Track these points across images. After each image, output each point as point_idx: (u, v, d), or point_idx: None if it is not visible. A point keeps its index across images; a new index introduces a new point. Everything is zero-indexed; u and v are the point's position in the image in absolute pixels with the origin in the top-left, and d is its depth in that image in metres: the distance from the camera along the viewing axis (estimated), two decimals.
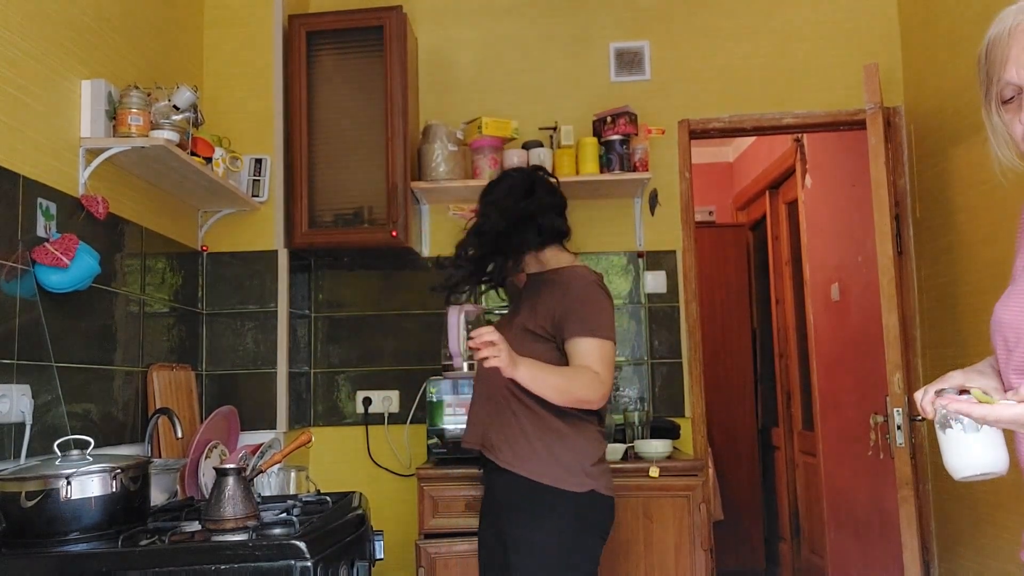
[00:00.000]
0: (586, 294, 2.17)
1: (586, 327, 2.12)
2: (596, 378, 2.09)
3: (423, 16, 3.56)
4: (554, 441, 2.15)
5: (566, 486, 2.12)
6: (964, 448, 1.21)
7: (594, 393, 2.09)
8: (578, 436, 2.18)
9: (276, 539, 1.64)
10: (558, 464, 2.13)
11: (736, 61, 3.49)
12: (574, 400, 2.09)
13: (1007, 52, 1.19)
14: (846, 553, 4.27)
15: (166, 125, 2.37)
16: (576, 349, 2.12)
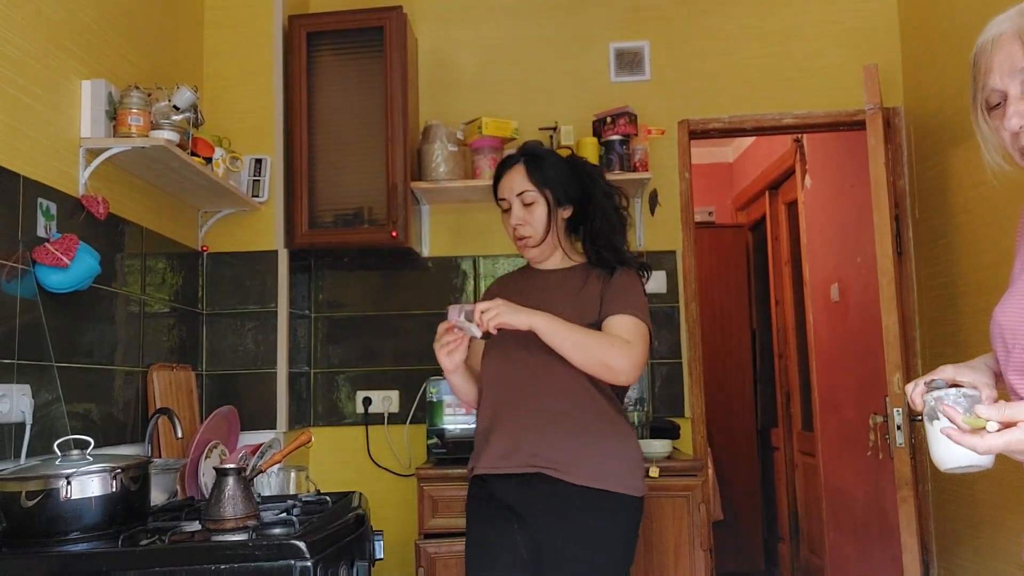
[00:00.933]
0: (630, 282, 2.07)
1: (625, 305, 1.99)
2: (626, 345, 1.92)
3: (423, 16, 3.57)
4: (621, 439, 2.00)
5: (631, 490, 1.96)
6: (951, 442, 1.21)
7: (621, 359, 1.90)
8: (631, 431, 2.06)
9: (276, 539, 1.64)
10: (623, 465, 1.98)
11: (736, 61, 3.50)
12: (597, 362, 1.90)
13: (991, 60, 1.23)
14: (845, 553, 4.27)
15: (166, 125, 2.37)
16: (610, 324, 1.97)
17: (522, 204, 2.08)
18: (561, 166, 2.12)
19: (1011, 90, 1.22)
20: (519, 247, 2.13)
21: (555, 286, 2.11)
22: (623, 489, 1.94)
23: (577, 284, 2.08)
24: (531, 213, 2.08)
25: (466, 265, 3.46)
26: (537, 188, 2.08)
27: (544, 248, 2.12)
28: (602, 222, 2.10)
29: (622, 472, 1.96)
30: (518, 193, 2.09)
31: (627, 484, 1.95)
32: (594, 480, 1.92)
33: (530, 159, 2.11)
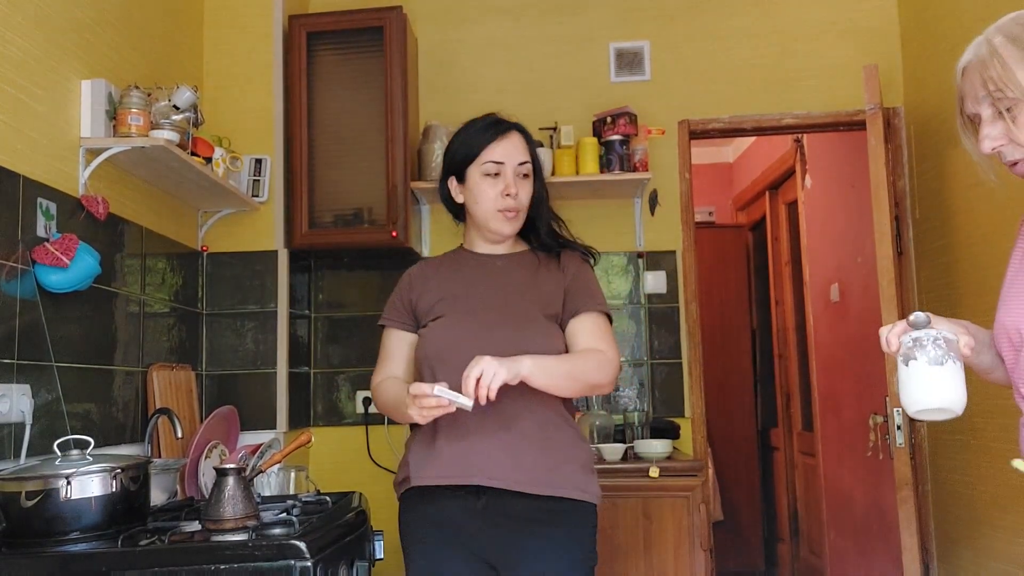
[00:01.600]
0: (587, 271, 1.97)
1: (591, 301, 1.89)
2: (604, 357, 1.83)
3: (423, 16, 3.57)
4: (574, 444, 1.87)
5: (591, 497, 1.84)
6: (925, 382, 1.24)
7: (606, 375, 1.82)
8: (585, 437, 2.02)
9: (276, 539, 1.64)
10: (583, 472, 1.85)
11: (736, 61, 3.50)
12: (587, 387, 1.82)
13: (963, 87, 1.37)
14: (845, 554, 4.27)
15: (166, 125, 2.37)
16: (584, 326, 1.86)
17: (518, 175, 1.93)
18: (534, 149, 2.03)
19: (983, 113, 1.32)
20: (499, 219, 1.92)
21: (505, 273, 1.95)
22: (578, 495, 1.82)
23: (530, 272, 1.94)
24: (524, 188, 1.93)
25: None
26: (533, 163, 1.97)
27: (518, 227, 1.97)
28: (546, 207, 1.99)
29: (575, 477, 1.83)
30: (520, 162, 1.94)
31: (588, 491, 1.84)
32: (547, 488, 1.78)
33: (523, 131, 1.99)
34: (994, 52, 1.29)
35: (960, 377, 1.26)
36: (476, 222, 1.96)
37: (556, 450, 1.82)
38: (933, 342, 1.26)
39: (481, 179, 1.93)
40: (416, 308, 1.96)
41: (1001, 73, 1.28)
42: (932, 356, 1.25)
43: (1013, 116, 1.28)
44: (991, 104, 1.30)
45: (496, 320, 1.85)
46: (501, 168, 1.92)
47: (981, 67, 1.31)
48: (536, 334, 1.83)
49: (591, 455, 1.91)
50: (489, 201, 1.92)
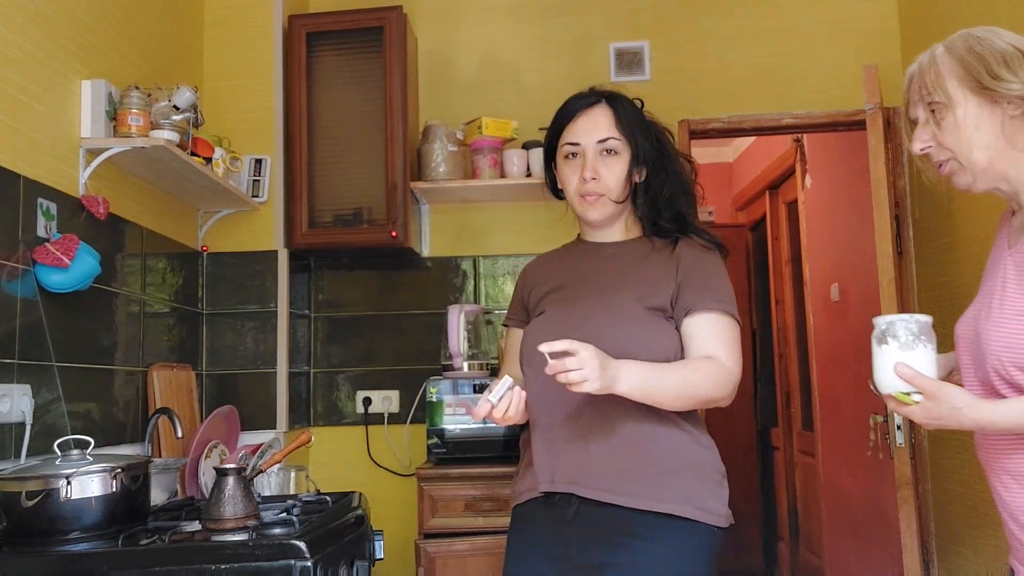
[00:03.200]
0: (715, 263, 1.71)
1: (714, 298, 1.64)
2: (721, 369, 1.59)
3: (423, 16, 3.57)
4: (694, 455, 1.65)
5: (707, 517, 1.60)
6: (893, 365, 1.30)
7: (722, 388, 1.59)
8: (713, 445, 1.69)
9: (276, 539, 1.65)
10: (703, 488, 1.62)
11: (736, 61, 3.50)
12: (698, 402, 1.60)
13: (907, 94, 1.52)
14: (845, 553, 4.27)
15: (166, 125, 2.37)
16: (699, 328, 1.63)
17: (600, 153, 1.73)
18: (641, 118, 1.81)
19: (919, 117, 1.46)
20: (582, 205, 1.76)
21: (613, 261, 1.76)
22: (692, 514, 1.58)
23: (638, 260, 1.73)
24: (609, 167, 1.73)
25: (466, 265, 3.46)
26: (625, 137, 1.75)
27: (614, 212, 1.76)
28: (673, 191, 1.76)
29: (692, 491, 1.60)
30: (601, 139, 1.73)
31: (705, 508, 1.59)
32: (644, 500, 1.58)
33: (615, 101, 1.78)
34: (933, 61, 1.43)
35: (929, 362, 1.31)
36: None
37: (666, 458, 1.61)
38: (905, 326, 1.32)
39: (563, 163, 1.79)
40: (528, 304, 1.84)
41: (934, 80, 1.42)
42: (903, 342, 1.31)
43: (939, 120, 1.41)
44: (924, 109, 1.44)
45: (589, 312, 1.66)
46: (579, 149, 1.76)
47: (920, 74, 1.45)
48: (632, 329, 1.62)
49: (716, 465, 1.66)
50: (571, 186, 1.76)
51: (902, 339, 1.31)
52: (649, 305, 1.64)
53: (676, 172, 1.78)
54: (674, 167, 1.78)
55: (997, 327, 1.35)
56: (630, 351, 1.56)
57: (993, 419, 1.28)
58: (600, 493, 1.59)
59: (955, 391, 1.29)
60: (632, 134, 1.75)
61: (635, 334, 1.61)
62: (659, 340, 1.62)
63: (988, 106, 1.37)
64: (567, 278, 1.77)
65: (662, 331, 1.64)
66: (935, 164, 1.45)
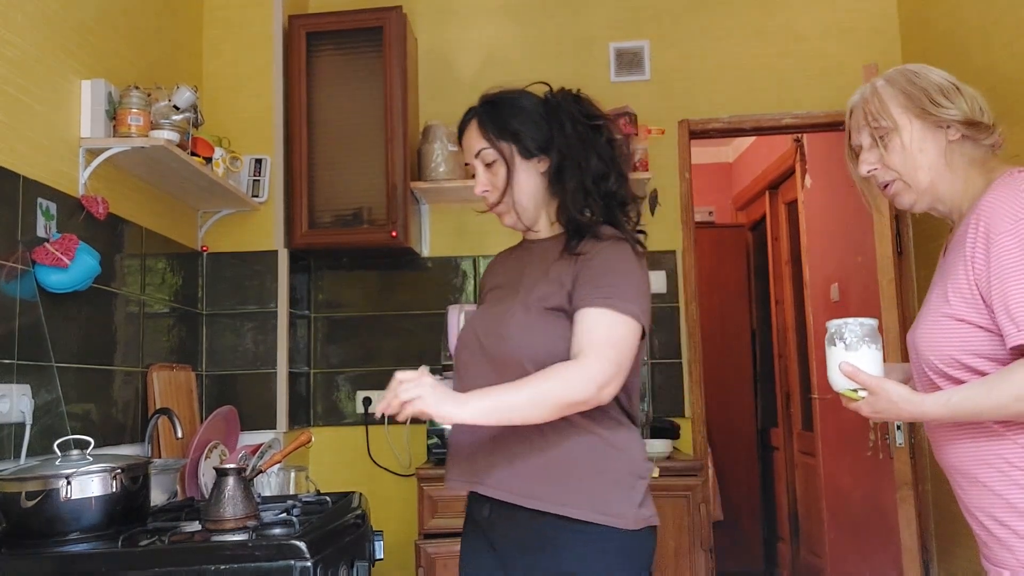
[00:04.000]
0: (613, 254, 1.60)
1: (600, 292, 1.55)
2: (577, 369, 1.48)
3: (423, 16, 3.57)
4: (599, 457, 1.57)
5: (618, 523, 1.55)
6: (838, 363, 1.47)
7: (582, 389, 1.47)
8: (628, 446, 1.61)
9: (276, 539, 1.64)
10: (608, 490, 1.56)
11: (736, 61, 3.50)
12: (559, 408, 1.48)
13: (849, 124, 1.63)
14: (845, 553, 4.27)
15: (166, 125, 2.37)
16: (579, 326, 1.54)
17: (486, 166, 1.70)
18: (527, 109, 1.69)
19: (864, 142, 1.59)
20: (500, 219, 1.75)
21: (534, 260, 1.71)
22: (602, 519, 1.53)
23: (551, 256, 1.66)
24: (496, 174, 1.69)
25: (466, 265, 3.46)
26: (492, 143, 1.68)
27: (517, 214, 1.70)
28: (575, 175, 1.63)
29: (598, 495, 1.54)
30: (476, 153, 1.70)
31: (608, 511, 1.54)
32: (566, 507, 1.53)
33: (485, 109, 1.71)
34: (875, 91, 1.58)
35: (874, 360, 1.46)
36: None
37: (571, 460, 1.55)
38: (851, 329, 1.47)
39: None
40: (483, 299, 1.83)
41: (878, 107, 1.56)
42: (849, 342, 1.46)
43: (885, 144, 1.55)
44: (869, 134, 1.58)
45: (502, 314, 1.64)
46: (471, 168, 1.74)
47: (863, 103, 1.59)
48: (533, 330, 1.58)
49: (627, 467, 1.59)
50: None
51: (848, 340, 1.46)
52: (548, 306, 1.59)
53: (577, 153, 1.64)
54: (574, 149, 1.64)
55: (923, 327, 1.50)
56: (528, 352, 1.55)
57: (924, 410, 1.42)
58: (504, 494, 1.58)
59: (892, 386, 1.42)
60: (501, 136, 1.68)
61: (535, 336, 1.57)
62: (556, 341, 1.55)
63: (931, 130, 1.54)
64: (506, 278, 1.76)
65: (560, 331, 1.57)
66: (880, 185, 1.60)
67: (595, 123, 1.67)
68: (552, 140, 1.65)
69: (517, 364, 1.56)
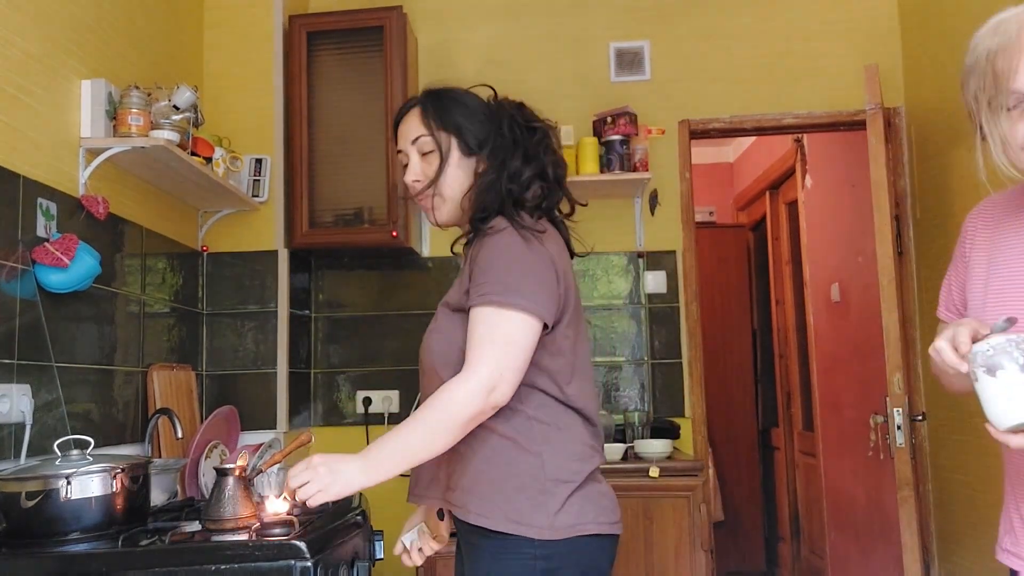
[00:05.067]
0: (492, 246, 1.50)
1: (479, 290, 1.46)
2: (455, 386, 1.42)
3: (423, 16, 3.56)
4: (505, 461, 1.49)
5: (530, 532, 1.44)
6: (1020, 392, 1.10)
7: (468, 402, 1.40)
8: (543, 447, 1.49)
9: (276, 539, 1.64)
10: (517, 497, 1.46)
11: (736, 61, 3.49)
12: (458, 429, 1.42)
13: (1015, 62, 1.17)
14: (846, 554, 4.27)
15: (166, 125, 2.37)
16: (468, 326, 1.48)
17: (419, 154, 1.63)
18: (471, 106, 1.63)
19: None
20: (425, 212, 1.67)
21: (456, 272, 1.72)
22: (508, 528, 1.44)
23: (463, 259, 1.63)
24: (424, 166, 1.62)
25: None
26: (431, 132, 1.61)
27: (455, 212, 1.63)
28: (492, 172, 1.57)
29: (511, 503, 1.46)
30: (413, 140, 1.63)
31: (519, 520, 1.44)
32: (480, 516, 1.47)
33: (429, 98, 1.64)
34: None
35: None
36: None
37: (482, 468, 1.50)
38: (1018, 346, 1.11)
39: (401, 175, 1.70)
40: None
41: None
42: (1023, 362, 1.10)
43: None
44: None
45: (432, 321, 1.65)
46: (404, 156, 1.66)
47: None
48: (441, 333, 1.58)
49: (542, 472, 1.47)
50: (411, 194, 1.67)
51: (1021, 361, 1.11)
52: (453, 307, 1.56)
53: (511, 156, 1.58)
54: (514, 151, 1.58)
55: None
56: (440, 359, 1.57)
57: None
58: (436, 502, 1.64)
59: None
60: (444, 127, 1.61)
61: (444, 341, 1.57)
62: (451, 339, 1.53)
63: None
64: None
65: (456, 331, 1.53)
66: None
67: (532, 125, 1.61)
68: (490, 140, 1.60)
69: (434, 372, 1.58)
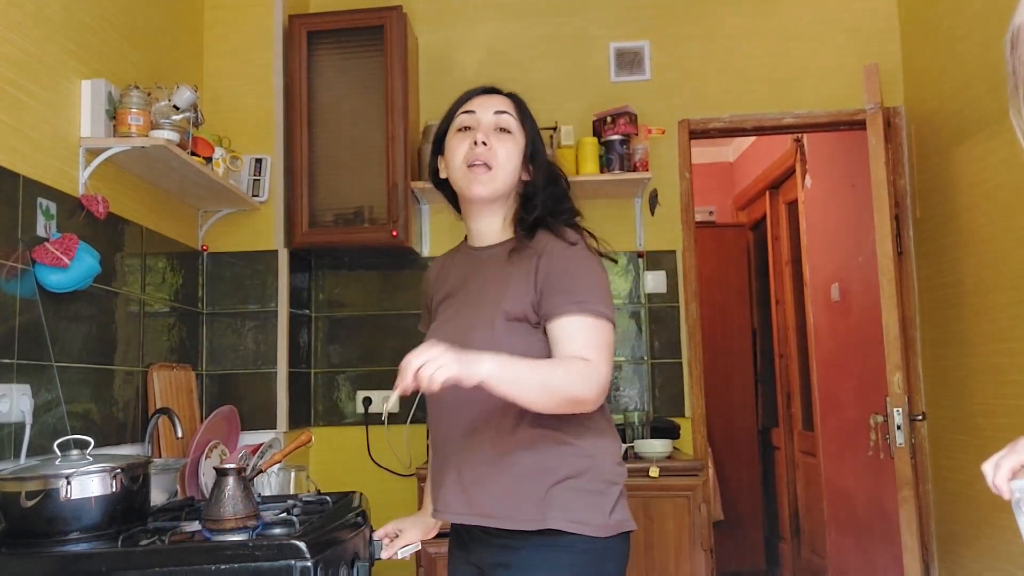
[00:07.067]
0: (575, 256, 1.57)
1: (575, 299, 1.51)
2: (589, 367, 1.46)
3: (423, 16, 3.56)
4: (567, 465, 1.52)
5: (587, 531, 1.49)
6: None
7: (589, 388, 1.44)
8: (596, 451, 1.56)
9: (276, 539, 1.64)
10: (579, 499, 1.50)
11: (736, 61, 3.49)
12: (564, 401, 1.45)
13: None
14: (846, 553, 4.27)
15: (166, 125, 2.37)
16: (562, 333, 1.50)
17: (495, 130, 1.62)
18: (534, 122, 1.70)
19: None
20: (467, 177, 1.61)
21: (487, 268, 1.64)
22: (575, 528, 1.48)
23: (507, 264, 1.59)
24: (502, 144, 1.61)
25: None
26: (520, 122, 1.65)
27: (500, 194, 1.63)
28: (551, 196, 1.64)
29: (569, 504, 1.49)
30: (497, 111, 1.63)
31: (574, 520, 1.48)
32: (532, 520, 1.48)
33: (516, 97, 1.69)
34: None
35: None
36: (460, 198, 1.69)
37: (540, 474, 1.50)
38: None
39: (453, 137, 1.65)
40: (432, 309, 1.79)
41: None
42: None
43: None
44: None
45: (464, 328, 1.57)
46: (473, 119, 1.63)
47: None
48: (498, 343, 1.50)
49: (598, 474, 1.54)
50: (459, 156, 1.62)
51: None
52: (512, 317, 1.53)
53: (566, 186, 1.69)
54: (565, 183, 1.69)
55: None
56: None
57: None
58: (477, 519, 1.55)
59: None
60: (528, 124, 1.66)
61: (500, 348, 1.48)
62: (521, 352, 1.48)
63: None
64: (454, 286, 1.70)
65: (525, 342, 1.52)
66: None
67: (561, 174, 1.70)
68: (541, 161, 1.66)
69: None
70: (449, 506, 1.58)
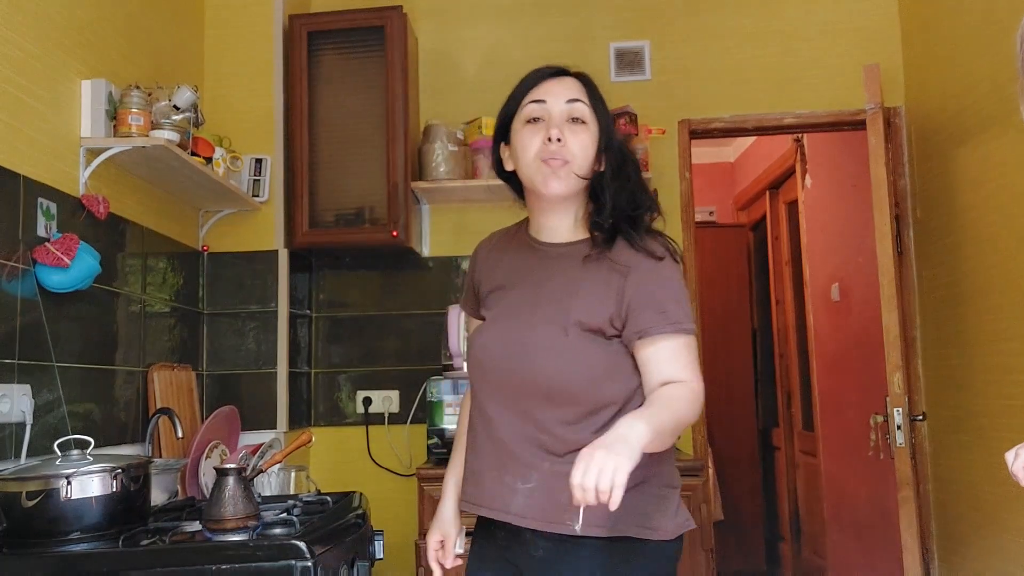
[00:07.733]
0: (663, 272, 1.51)
1: (668, 317, 1.46)
2: (694, 392, 1.46)
3: (423, 16, 3.56)
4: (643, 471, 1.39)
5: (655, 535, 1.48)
6: None
7: (696, 411, 1.45)
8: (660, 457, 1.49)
9: (276, 539, 1.64)
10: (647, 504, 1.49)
11: (736, 61, 3.49)
12: (682, 431, 1.47)
13: None
14: (847, 554, 4.27)
15: (167, 125, 2.37)
16: (658, 354, 1.47)
17: (567, 120, 1.53)
18: (606, 107, 1.60)
19: None
20: (542, 172, 1.51)
21: (555, 269, 1.56)
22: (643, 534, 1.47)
23: (581, 268, 1.52)
24: (576, 134, 1.52)
25: (466, 265, 3.45)
26: (594, 109, 1.55)
27: (576, 190, 1.54)
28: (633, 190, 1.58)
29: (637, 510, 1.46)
30: (569, 100, 1.54)
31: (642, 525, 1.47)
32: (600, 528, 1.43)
33: (586, 79, 1.60)
34: None
35: None
36: (528, 191, 1.59)
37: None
38: None
39: (523, 128, 1.56)
40: (479, 294, 1.70)
41: None
42: None
43: None
44: None
45: (526, 329, 1.51)
46: (544, 110, 1.54)
47: None
48: (568, 353, 1.46)
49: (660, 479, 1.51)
50: (531, 150, 1.52)
51: None
52: (587, 327, 1.47)
53: (636, 171, 1.60)
54: (634, 166, 1.60)
55: None
56: (563, 375, 1.46)
57: None
58: (529, 522, 1.48)
59: None
60: (600, 110, 1.56)
61: (574, 363, 1.47)
62: (594, 368, 1.47)
63: None
64: (511, 278, 1.61)
65: (602, 351, 1.48)
66: None
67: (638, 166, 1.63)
68: (616, 148, 1.58)
69: (543, 391, 1.47)
70: (510, 507, 1.49)
